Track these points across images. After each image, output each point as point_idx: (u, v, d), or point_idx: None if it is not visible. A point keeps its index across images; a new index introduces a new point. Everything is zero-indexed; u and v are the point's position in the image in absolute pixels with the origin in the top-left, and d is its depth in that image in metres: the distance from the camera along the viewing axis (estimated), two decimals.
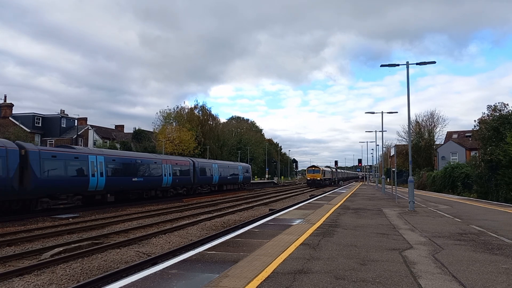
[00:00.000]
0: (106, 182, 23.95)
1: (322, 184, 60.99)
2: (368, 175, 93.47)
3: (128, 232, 14.92)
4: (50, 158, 20.64)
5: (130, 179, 26.69)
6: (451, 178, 40.40)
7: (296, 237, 9.39)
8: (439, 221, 13.40)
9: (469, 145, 51.27)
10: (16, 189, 18.55)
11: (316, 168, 63.41)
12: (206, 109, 72.42)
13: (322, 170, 62.60)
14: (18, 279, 8.31)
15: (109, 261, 9.94)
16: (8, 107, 55.71)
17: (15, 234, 14.15)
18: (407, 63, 18.65)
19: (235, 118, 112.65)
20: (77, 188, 22.32)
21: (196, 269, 6.37)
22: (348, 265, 6.56)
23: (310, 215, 14.67)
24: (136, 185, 27.43)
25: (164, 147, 51.79)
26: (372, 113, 35.17)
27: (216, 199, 32.05)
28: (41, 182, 19.69)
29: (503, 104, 30.42)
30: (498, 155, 27.10)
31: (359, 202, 22.12)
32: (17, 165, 18.57)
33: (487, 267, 6.52)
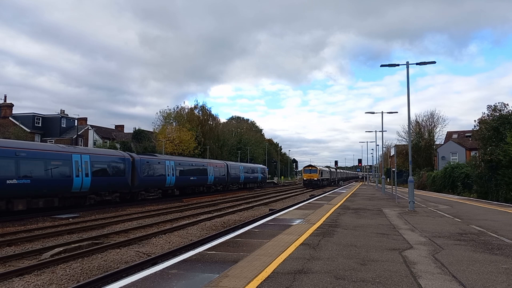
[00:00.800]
0: (175, 180, 32.06)
1: (319, 185, 57.60)
2: (368, 175, 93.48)
3: (128, 232, 14.93)
4: (145, 163, 28.27)
5: (189, 178, 34.66)
6: (451, 178, 40.40)
7: (296, 237, 9.39)
8: (439, 221, 13.41)
9: (469, 145, 51.28)
10: (130, 185, 26.39)
11: (313, 167, 59.59)
12: (206, 109, 72.46)
13: (319, 170, 58.97)
14: (18, 279, 8.31)
15: (109, 261, 9.94)
16: (8, 107, 55.73)
17: (15, 234, 14.15)
18: (407, 63, 18.66)
19: (235, 118, 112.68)
20: (160, 184, 30.27)
21: (196, 269, 6.37)
22: (348, 265, 6.56)
23: (310, 215, 14.67)
24: (192, 182, 35.50)
25: (164, 147, 51.79)
26: (372, 113, 35.20)
27: (216, 199, 32.06)
28: (141, 180, 27.64)
29: (503, 104, 30.42)
30: (498, 155, 27.10)
31: (359, 202, 22.13)
32: (130, 169, 26.25)
33: (487, 267, 6.52)
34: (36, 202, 19.67)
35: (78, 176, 21.67)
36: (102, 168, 23.87)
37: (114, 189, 25.07)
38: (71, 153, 21.82)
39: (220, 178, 41.77)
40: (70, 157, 21.46)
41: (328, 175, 68.20)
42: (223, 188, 43.57)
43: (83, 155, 22.53)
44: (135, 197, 27.60)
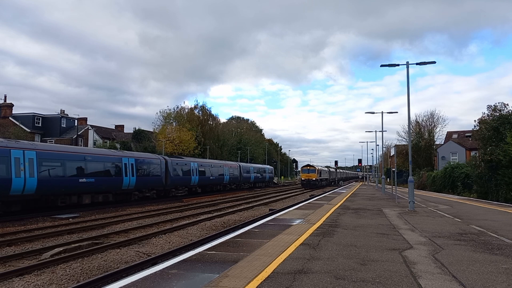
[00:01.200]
0: (198, 180, 36.59)
1: (318, 185, 56.02)
2: (368, 175, 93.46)
3: (128, 232, 14.93)
4: (175, 165, 32.50)
5: (209, 178, 39.29)
6: (451, 178, 40.40)
7: (296, 237, 9.39)
8: (439, 221, 13.41)
9: (469, 145, 51.28)
10: (164, 184, 30.69)
11: (311, 167, 57.75)
12: (206, 109, 72.42)
13: (317, 170, 57.15)
14: (18, 279, 8.31)
15: (109, 261, 9.94)
16: (8, 107, 55.73)
17: (15, 234, 14.16)
18: (407, 63, 18.66)
19: (235, 118, 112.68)
20: (186, 183, 34.64)
21: (196, 269, 6.37)
22: (348, 265, 6.56)
23: (310, 215, 14.67)
24: (211, 182, 40.49)
25: (164, 147, 51.80)
26: (372, 113, 35.21)
27: (216, 199, 32.07)
28: (173, 180, 31.86)
29: (503, 104, 30.42)
30: (498, 155, 27.10)
31: (359, 202, 22.13)
32: (164, 170, 30.59)
33: (487, 267, 6.52)
34: (97, 197, 23.59)
35: (126, 176, 25.90)
36: (143, 169, 28.36)
37: (152, 187, 29.71)
38: (121, 156, 26.27)
39: (234, 178, 46.52)
40: (121, 160, 25.76)
41: (327, 175, 66.53)
42: (236, 187, 48.05)
43: (130, 158, 26.92)
44: (167, 194, 32.08)
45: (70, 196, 21.84)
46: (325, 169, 67.40)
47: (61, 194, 21.26)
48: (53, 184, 20.47)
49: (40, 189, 19.54)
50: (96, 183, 23.08)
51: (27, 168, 18.92)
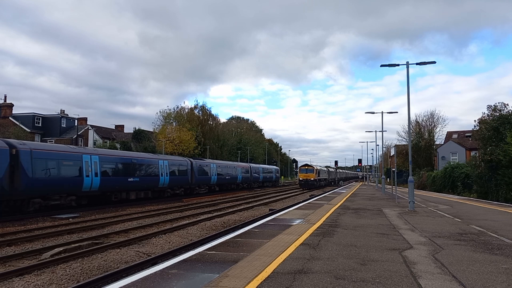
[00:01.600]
0: (217, 179, 41.07)
1: (316, 185, 54.17)
2: (368, 175, 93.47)
3: (128, 232, 14.93)
4: (199, 166, 36.97)
5: (225, 178, 43.78)
6: (451, 178, 40.40)
7: (296, 237, 9.39)
8: (439, 221, 13.41)
9: (469, 145, 51.29)
10: (189, 183, 35.18)
11: (309, 167, 55.64)
12: (206, 109, 72.46)
13: (316, 170, 55.15)
14: (18, 279, 8.31)
15: (109, 261, 9.94)
16: (8, 107, 55.73)
17: (15, 234, 14.15)
18: (407, 63, 18.66)
19: (235, 118, 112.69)
20: (207, 182, 39.28)
21: (196, 269, 6.37)
22: (348, 265, 6.56)
23: (310, 215, 14.67)
24: (227, 181, 44.35)
25: (164, 147, 51.82)
26: (372, 113, 35.21)
27: (216, 199, 32.07)
28: (197, 179, 36.38)
29: (503, 104, 30.43)
30: (498, 155, 27.10)
31: (359, 202, 22.13)
32: (190, 170, 35.00)
33: (487, 267, 6.53)
34: (140, 193, 27.87)
35: (162, 176, 30.14)
36: (174, 170, 32.38)
37: (181, 185, 33.78)
38: (158, 159, 30.58)
39: (246, 178, 51.10)
40: (158, 162, 30.05)
41: (326, 175, 64.93)
42: (248, 185, 52.54)
43: (164, 160, 31.18)
44: (192, 191, 36.28)
45: (121, 192, 25.97)
46: (323, 169, 65.84)
47: (115, 191, 25.43)
48: (110, 183, 24.70)
49: (101, 186, 23.65)
50: (140, 182, 27.57)
51: (93, 170, 22.95)
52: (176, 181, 32.77)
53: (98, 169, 23.19)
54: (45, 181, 19.96)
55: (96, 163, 23.17)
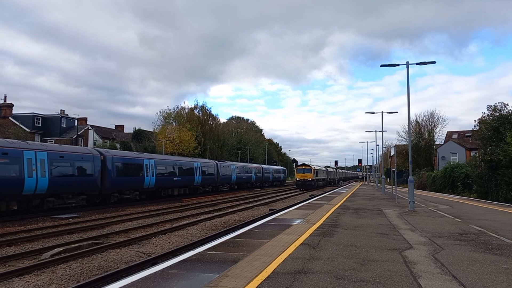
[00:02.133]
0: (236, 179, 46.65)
1: (314, 186, 51.91)
2: (368, 175, 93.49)
3: (128, 232, 14.93)
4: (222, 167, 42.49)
5: (242, 177, 48.79)
6: (451, 178, 40.41)
7: (296, 237, 9.39)
8: (439, 221, 13.41)
9: (469, 145, 51.29)
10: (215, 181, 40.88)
11: (307, 166, 53.50)
12: (206, 109, 72.42)
13: (313, 169, 52.91)
14: (18, 279, 8.31)
15: (109, 261, 9.95)
16: (8, 107, 55.74)
17: (15, 234, 14.15)
18: (407, 63, 18.65)
19: (235, 118, 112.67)
20: (228, 181, 44.79)
21: (196, 269, 6.37)
22: (348, 265, 6.56)
23: (310, 215, 14.68)
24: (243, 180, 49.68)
25: (164, 147, 51.83)
26: (372, 113, 35.21)
27: (216, 199, 32.08)
28: (221, 178, 41.70)
29: (503, 104, 30.44)
30: (498, 155, 27.10)
31: (359, 202, 22.13)
32: (216, 171, 40.25)
33: (487, 267, 6.53)
34: (181, 190, 33.45)
35: (196, 175, 35.86)
36: (205, 171, 38.04)
37: (209, 184, 39.66)
38: (194, 161, 36.62)
39: (259, 177, 56.59)
40: (193, 164, 35.86)
41: (324, 175, 62.78)
42: (260, 185, 57.88)
43: (197, 162, 36.84)
44: (217, 189, 42.00)
45: (168, 189, 31.72)
46: (322, 168, 63.97)
47: (165, 188, 31.22)
48: (162, 181, 30.43)
49: (156, 184, 29.25)
50: (181, 180, 33.19)
51: (150, 171, 28.46)
52: (207, 180, 38.77)
53: (154, 170, 29.05)
54: (121, 180, 25.59)
55: (153, 166, 29.01)
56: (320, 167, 63.42)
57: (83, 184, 22.34)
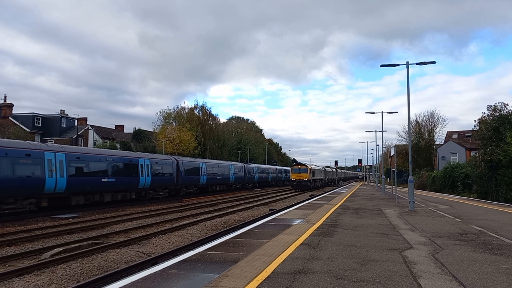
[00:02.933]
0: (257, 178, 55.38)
1: (310, 187, 49.01)
2: (368, 175, 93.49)
3: (128, 232, 14.93)
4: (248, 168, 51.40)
5: (262, 177, 57.84)
6: (451, 178, 40.40)
7: (296, 237, 9.39)
8: (439, 221, 13.41)
9: (469, 145, 51.29)
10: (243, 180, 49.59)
11: (303, 166, 50.13)
12: (206, 109, 72.32)
13: (310, 169, 49.67)
14: (18, 279, 8.31)
15: (109, 261, 9.95)
16: (8, 107, 55.72)
17: (15, 234, 14.16)
18: (407, 63, 18.65)
19: (235, 118, 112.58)
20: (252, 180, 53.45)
21: (196, 269, 6.37)
22: (348, 265, 6.56)
23: (310, 215, 14.67)
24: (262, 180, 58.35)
25: (164, 147, 51.81)
26: (372, 113, 35.21)
27: (216, 199, 32.08)
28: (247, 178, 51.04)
29: (503, 104, 30.43)
30: (498, 155, 27.10)
31: (359, 202, 22.13)
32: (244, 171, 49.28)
33: (487, 267, 6.53)
34: (221, 186, 43.33)
35: (231, 175, 44.87)
36: (236, 171, 47.11)
37: (239, 182, 48.18)
38: (229, 164, 46.32)
39: (274, 177, 65.02)
40: (228, 166, 45.00)
41: (322, 175, 59.55)
42: (275, 183, 66.05)
43: (231, 164, 46.44)
44: (244, 187, 50.50)
45: (214, 186, 41.16)
46: (319, 168, 60.94)
47: (212, 185, 40.64)
48: (211, 180, 39.65)
49: (207, 182, 38.73)
50: (222, 179, 42.51)
51: (204, 171, 37.82)
52: (237, 179, 47.22)
53: (206, 171, 38.19)
54: (187, 178, 34.50)
55: (205, 167, 38.22)
56: (318, 167, 61.17)
57: (167, 181, 31.44)
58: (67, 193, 21.15)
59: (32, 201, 19.26)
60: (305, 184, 47.97)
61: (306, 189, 47.46)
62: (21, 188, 18.39)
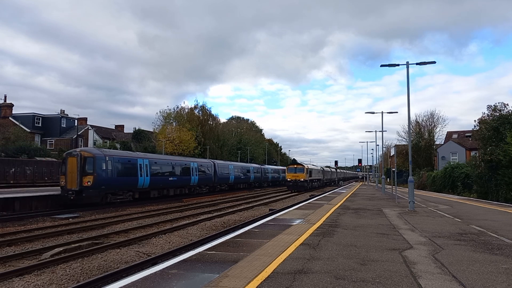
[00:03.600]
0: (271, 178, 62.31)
1: (307, 187, 46.32)
2: (368, 175, 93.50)
3: (128, 232, 14.93)
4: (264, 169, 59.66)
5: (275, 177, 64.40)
6: (451, 178, 40.41)
7: (296, 237, 9.39)
8: (439, 221, 13.41)
9: (469, 145, 51.30)
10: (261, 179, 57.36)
11: (299, 165, 47.77)
12: (206, 109, 72.41)
13: (306, 169, 46.93)
14: (18, 279, 8.31)
15: (109, 261, 9.95)
16: (8, 107, 55.77)
17: (15, 234, 14.15)
18: (407, 63, 18.64)
19: (235, 118, 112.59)
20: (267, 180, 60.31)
21: (196, 269, 6.37)
22: (348, 265, 6.56)
23: (310, 215, 14.67)
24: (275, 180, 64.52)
25: (164, 147, 51.83)
26: (372, 113, 35.20)
27: (216, 199, 32.07)
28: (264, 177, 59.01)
29: (503, 104, 30.44)
30: (498, 155, 27.10)
31: (359, 202, 22.13)
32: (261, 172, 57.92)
33: (487, 267, 6.53)
34: (244, 185, 49.96)
35: (251, 174, 51.94)
36: (254, 172, 53.57)
37: (256, 181, 54.80)
38: (250, 166, 53.46)
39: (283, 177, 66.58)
40: (249, 168, 52.40)
41: (319, 175, 56.74)
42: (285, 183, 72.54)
43: (251, 166, 54.01)
44: (261, 185, 57.40)
45: (240, 184, 48.27)
46: (317, 168, 58.49)
47: (239, 183, 47.99)
48: (238, 179, 46.84)
49: (234, 181, 45.84)
50: (243, 178, 49.26)
51: (232, 172, 44.93)
52: (255, 179, 54.03)
53: (233, 171, 44.97)
54: (221, 177, 41.29)
55: (233, 169, 45.51)
56: (315, 166, 59.61)
57: (208, 180, 38.37)
58: (149, 188, 27.96)
59: (131, 193, 26.07)
60: (302, 185, 45.39)
61: (302, 190, 45.08)
62: (126, 184, 25.61)
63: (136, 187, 26.42)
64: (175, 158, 34.72)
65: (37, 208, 21.10)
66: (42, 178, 36.23)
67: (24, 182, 33.45)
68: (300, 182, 45.37)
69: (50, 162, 39.32)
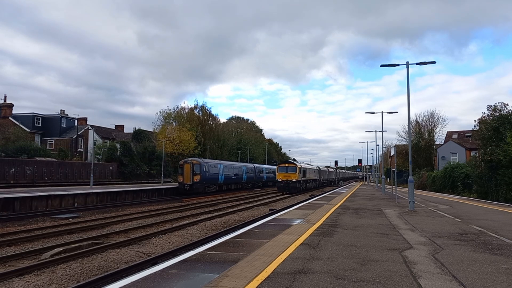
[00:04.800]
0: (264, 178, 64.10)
1: (299, 188, 42.19)
2: (368, 175, 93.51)
3: (128, 232, 14.93)
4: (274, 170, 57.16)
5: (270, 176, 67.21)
6: (451, 178, 40.42)
7: (296, 237, 9.39)
8: (439, 221, 13.41)
9: (469, 145, 51.30)
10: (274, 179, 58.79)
11: (291, 164, 43.27)
12: (206, 109, 72.32)
13: (299, 168, 42.29)
14: (18, 279, 8.32)
15: (109, 261, 9.95)
16: (8, 107, 55.74)
17: (15, 234, 14.16)
18: (407, 63, 18.64)
19: (235, 118, 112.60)
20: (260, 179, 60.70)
21: (196, 269, 6.37)
22: (348, 265, 6.56)
23: (310, 215, 14.68)
24: None
25: (164, 147, 51.82)
26: (372, 113, 35.19)
27: (216, 199, 32.08)
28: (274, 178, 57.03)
29: (503, 104, 30.45)
30: (498, 155, 27.11)
31: (359, 202, 22.13)
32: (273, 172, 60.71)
33: (487, 267, 6.53)
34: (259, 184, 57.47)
35: (264, 175, 59.14)
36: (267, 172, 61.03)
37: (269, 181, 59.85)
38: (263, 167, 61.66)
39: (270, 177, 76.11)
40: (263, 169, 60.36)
41: (315, 175, 52.32)
42: None
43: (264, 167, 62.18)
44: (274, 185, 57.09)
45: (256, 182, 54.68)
46: (312, 167, 54.36)
47: (255, 181, 54.36)
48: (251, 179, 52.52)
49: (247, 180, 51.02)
50: (257, 177, 54.93)
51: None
52: (268, 179, 59.57)
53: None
54: (253, 177, 52.18)
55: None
56: (310, 166, 55.31)
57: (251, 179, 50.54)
58: (223, 184, 42.83)
59: (215, 187, 40.46)
60: (294, 186, 40.70)
61: (294, 192, 40.68)
62: (213, 180, 39.74)
63: (217, 182, 41.19)
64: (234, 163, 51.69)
65: None
66: (42, 178, 36.22)
67: (24, 182, 33.44)
68: (292, 183, 40.61)
69: (50, 162, 39.30)
